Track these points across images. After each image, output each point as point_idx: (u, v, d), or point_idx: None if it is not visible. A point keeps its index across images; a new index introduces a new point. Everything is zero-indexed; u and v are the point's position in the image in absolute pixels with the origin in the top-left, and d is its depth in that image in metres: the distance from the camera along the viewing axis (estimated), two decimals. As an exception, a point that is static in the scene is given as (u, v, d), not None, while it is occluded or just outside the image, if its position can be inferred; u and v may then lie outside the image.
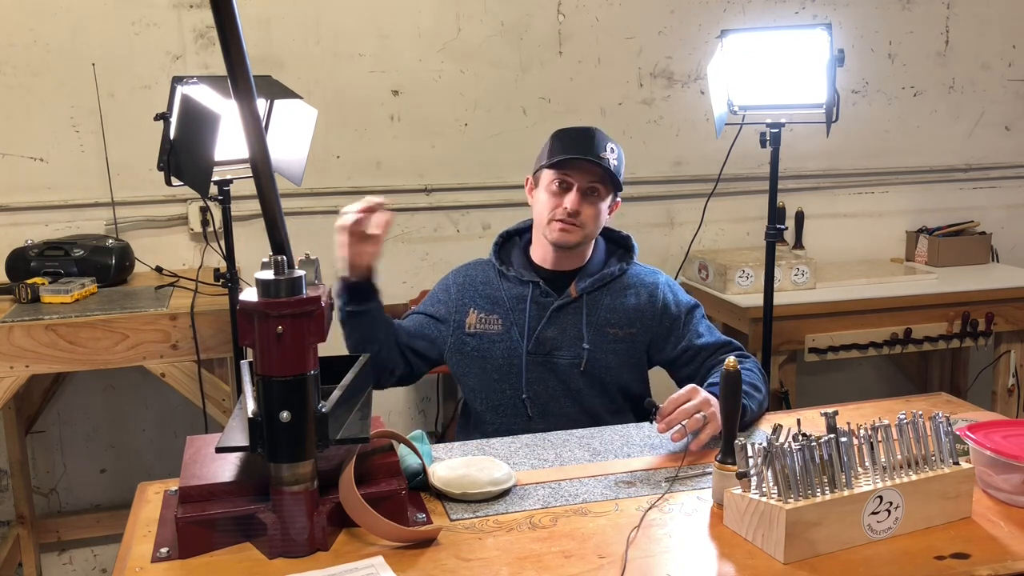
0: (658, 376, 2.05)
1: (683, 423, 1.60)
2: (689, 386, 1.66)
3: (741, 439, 1.34)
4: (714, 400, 1.63)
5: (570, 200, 1.91)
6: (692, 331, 1.97)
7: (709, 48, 3.08)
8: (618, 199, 2.01)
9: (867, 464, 1.34)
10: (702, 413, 1.61)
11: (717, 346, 1.95)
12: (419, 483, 1.49)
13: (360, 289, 1.86)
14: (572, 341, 1.95)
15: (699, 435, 1.61)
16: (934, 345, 2.99)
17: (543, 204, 1.96)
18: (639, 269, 2.04)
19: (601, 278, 1.99)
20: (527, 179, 2.05)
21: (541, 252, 2.02)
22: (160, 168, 2.06)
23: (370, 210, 1.74)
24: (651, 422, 1.63)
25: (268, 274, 1.23)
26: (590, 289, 1.97)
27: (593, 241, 2.02)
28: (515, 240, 2.10)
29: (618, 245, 2.08)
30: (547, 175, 1.95)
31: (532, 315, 1.97)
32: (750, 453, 1.33)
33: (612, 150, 1.94)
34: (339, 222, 1.74)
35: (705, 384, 1.85)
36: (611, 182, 1.93)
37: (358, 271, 1.83)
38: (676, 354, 1.97)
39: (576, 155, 1.89)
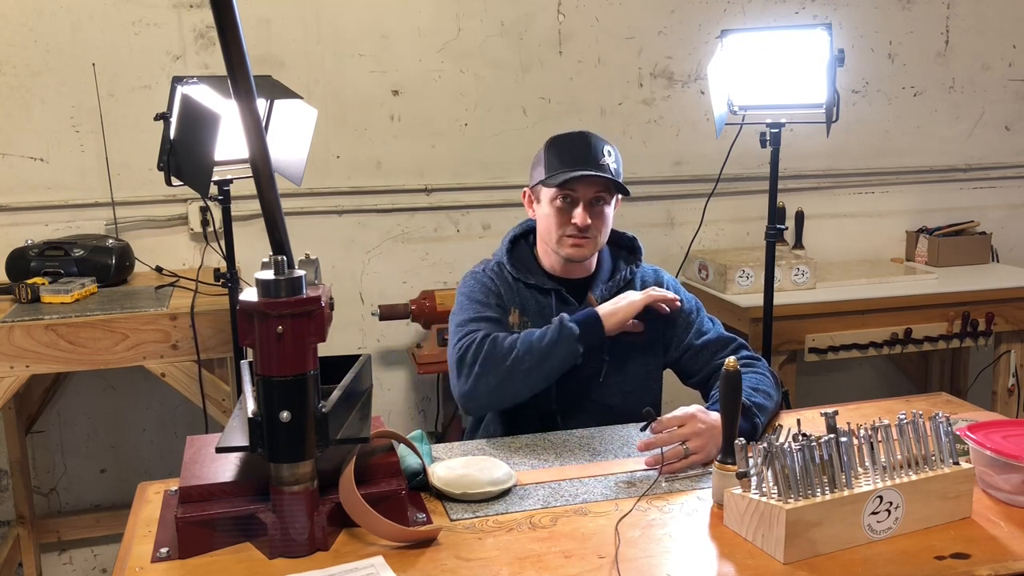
0: (671, 379, 2.04)
1: (663, 449, 1.57)
2: (691, 413, 1.61)
3: (741, 439, 1.34)
4: (709, 425, 1.59)
5: (579, 216, 1.85)
6: (697, 329, 1.96)
7: (709, 48, 3.08)
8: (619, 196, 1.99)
9: (867, 464, 1.34)
10: (686, 445, 1.57)
11: (723, 342, 1.94)
12: (419, 483, 1.49)
13: (599, 341, 1.84)
14: (593, 351, 1.89)
15: (674, 464, 1.56)
16: (934, 345, 2.99)
17: (549, 220, 1.90)
18: (644, 269, 2.03)
19: (615, 284, 1.97)
20: (524, 192, 2.00)
21: (550, 261, 1.97)
22: (160, 168, 2.06)
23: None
24: (643, 430, 1.62)
25: (268, 274, 1.23)
26: (607, 296, 1.94)
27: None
28: (522, 244, 2.03)
29: (620, 246, 2.07)
30: (549, 191, 1.89)
31: None
32: (750, 453, 1.33)
33: (609, 153, 1.89)
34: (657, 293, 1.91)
35: (709, 400, 1.84)
36: (615, 188, 1.89)
37: (619, 328, 1.85)
38: (681, 352, 1.96)
39: (576, 170, 1.84)
